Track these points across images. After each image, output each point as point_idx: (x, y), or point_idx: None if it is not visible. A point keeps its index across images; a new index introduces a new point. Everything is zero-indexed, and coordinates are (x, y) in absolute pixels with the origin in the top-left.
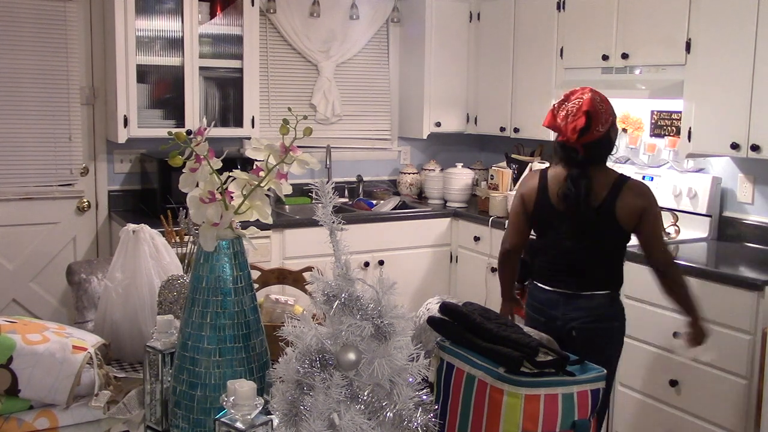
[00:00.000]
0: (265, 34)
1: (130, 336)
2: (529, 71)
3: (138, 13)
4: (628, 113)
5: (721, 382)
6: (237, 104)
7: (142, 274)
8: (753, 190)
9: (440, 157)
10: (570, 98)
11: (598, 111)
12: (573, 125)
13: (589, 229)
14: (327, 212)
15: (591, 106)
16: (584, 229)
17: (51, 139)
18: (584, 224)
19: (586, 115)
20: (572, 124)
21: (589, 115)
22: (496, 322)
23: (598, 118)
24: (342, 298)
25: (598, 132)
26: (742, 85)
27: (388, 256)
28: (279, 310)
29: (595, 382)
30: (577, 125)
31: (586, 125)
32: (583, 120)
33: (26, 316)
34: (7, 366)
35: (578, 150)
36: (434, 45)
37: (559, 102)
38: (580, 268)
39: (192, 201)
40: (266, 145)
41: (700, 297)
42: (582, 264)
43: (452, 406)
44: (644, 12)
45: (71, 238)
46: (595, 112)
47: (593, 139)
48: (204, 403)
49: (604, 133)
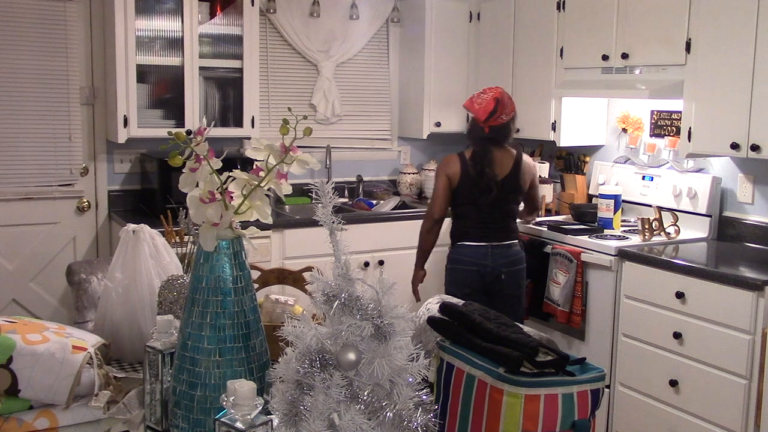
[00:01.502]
0: (265, 34)
1: (130, 336)
2: (529, 71)
3: (138, 13)
4: (628, 113)
5: (721, 382)
6: (237, 104)
7: (142, 274)
8: (753, 190)
9: (440, 157)
10: (486, 91)
11: (504, 102)
12: (484, 108)
13: (498, 192)
14: (327, 212)
15: (500, 96)
16: (491, 191)
17: (51, 139)
18: (492, 188)
19: (495, 101)
20: (484, 107)
21: (497, 101)
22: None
23: (504, 106)
24: (342, 298)
25: (501, 119)
26: (742, 85)
27: (388, 256)
28: (279, 310)
29: (595, 382)
30: (487, 108)
31: (494, 109)
32: (492, 104)
33: (26, 316)
34: (7, 366)
35: (485, 129)
36: (434, 45)
37: (477, 93)
38: (497, 224)
39: (192, 201)
40: (266, 145)
41: (701, 296)
42: (497, 220)
43: (452, 406)
44: (644, 12)
45: (71, 238)
46: (502, 102)
47: (497, 123)
48: (204, 403)
49: (506, 122)
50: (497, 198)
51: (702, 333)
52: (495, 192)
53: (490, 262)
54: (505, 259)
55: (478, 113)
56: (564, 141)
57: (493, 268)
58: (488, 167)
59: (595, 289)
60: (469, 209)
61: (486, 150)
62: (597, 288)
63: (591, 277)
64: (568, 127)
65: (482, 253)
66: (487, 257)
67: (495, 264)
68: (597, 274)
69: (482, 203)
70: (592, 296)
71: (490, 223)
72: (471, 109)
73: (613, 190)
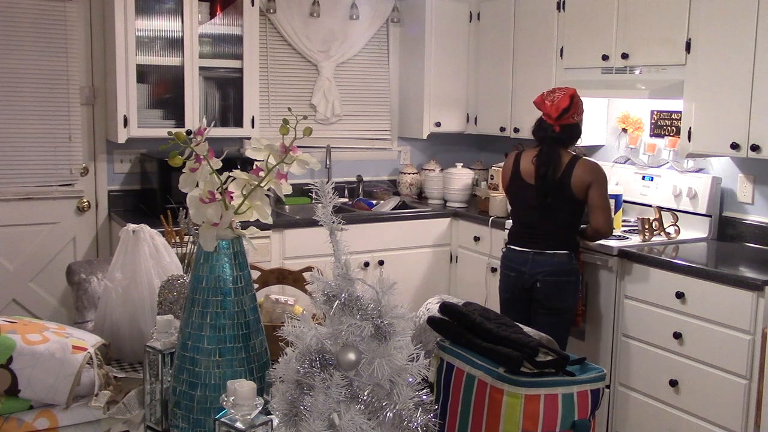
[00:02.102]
0: (265, 34)
1: (130, 336)
2: (529, 71)
3: (138, 13)
4: (628, 113)
5: (720, 382)
6: (237, 104)
7: (142, 274)
8: (753, 190)
9: (440, 157)
10: (557, 90)
11: (578, 101)
12: (557, 105)
13: (551, 198)
14: (327, 212)
15: (574, 95)
16: (546, 195)
17: (51, 139)
18: (547, 193)
19: (570, 99)
20: (557, 104)
21: (572, 99)
22: (496, 322)
23: (577, 106)
24: (342, 298)
25: (573, 119)
26: (742, 85)
27: (388, 256)
28: (279, 310)
29: (596, 382)
30: (560, 105)
31: (568, 106)
32: (567, 101)
33: (26, 316)
34: (7, 366)
35: (555, 128)
36: (434, 45)
37: (548, 91)
38: (544, 230)
39: (192, 201)
40: (266, 145)
41: (701, 296)
42: (545, 226)
43: (452, 406)
44: (644, 12)
45: (71, 238)
46: (575, 102)
47: (568, 123)
48: (204, 403)
49: (576, 122)
50: (540, 199)
51: (702, 333)
52: (535, 193)
53: (528, 269)
54: (545, 268)
55: (550, 110)
56: None
57: (530, 276)
58: (553, 170)
59: (595, 289)
60: (518, 211)
61: (553, 151)
62: (597, 288)
63: (591, 277)
64: None
65: (523, 259)
66: (527, 263)
67: (533, 271)
68: (597, 274)
69: (530, 207)
70: (592, 296)
71: (536, 228)
72: (542, 106)
73: (614, 190)
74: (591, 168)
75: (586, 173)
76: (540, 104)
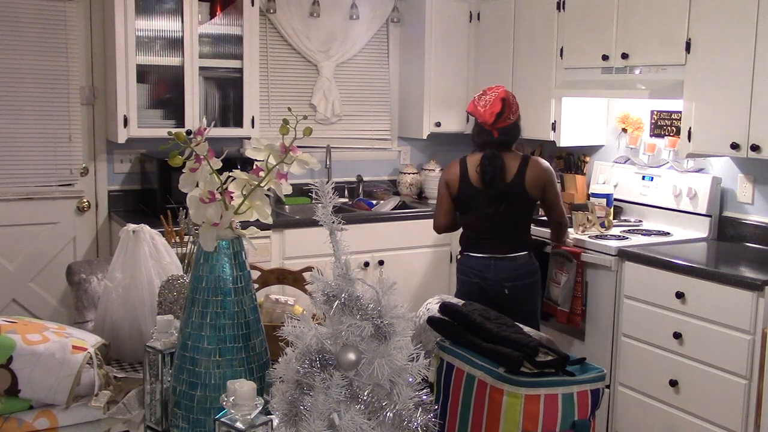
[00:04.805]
0: (265, 34)
1: (130, 336)
2: (529, 71)
3: (138, 13)
4: (628, 113)
5: (720, 382)
6: (237, 104)
7: (142, 274)
8: (753, 190)
9: (440, 157)
10: (487, 92)
11: (510, 101)
12: (491, 110)
13: (505, 201)
14: (327, 212)
15: (506, 96)
16: (501, 200)
17: (51, 139)
18: (500, 197)
19: (501, 102)
20: (490, 109)
21: (503, 102)
22: (496, 322)
23: (510, 106)
24: (342, 298)
25: (510, 120)
26: (742, 85)
27: (388, 256)
28: (279, 310)
29: (595, 382)
30: (494, 110)
31: (501, 110)
32: (499, 105)
33: (26, 316)
34: (7, 366)
35: (493, 133)
36: (434, 45)
37: (479, 95)
38: (502, 234)
39: (192, 201)
40: (266, 145)
41: (701, 296)
42: (502, 231)
43: (452, 406)
44: (644, 12)
45: (71, 238)
46: (508, 102)
47: (506, 125)
48: (204, 403)
49: (514, 122)
50: (494, 204)
51: (702, 333)
52: (487, 198)
53: (491, 276)
54: (509, 273)
55: (484, 116)
56: (564, 141)
57: (495, 282)
58: (499, 176)
59: (595, 289)
60: (471, 218)
61: (496, 156)
62: (597, 288)
63: (591, 277)
64: (568, 127)
65: (484, 265)
66: (489, 270)
67: (497, 278)
68: (597, 274)
69: (484, 212)
70: (592, 296)
71: (493, 233)
72: (475, 113)
73: (604, 189)
74: (544, 168)
75: (540, 174)
76: (473, 111)
